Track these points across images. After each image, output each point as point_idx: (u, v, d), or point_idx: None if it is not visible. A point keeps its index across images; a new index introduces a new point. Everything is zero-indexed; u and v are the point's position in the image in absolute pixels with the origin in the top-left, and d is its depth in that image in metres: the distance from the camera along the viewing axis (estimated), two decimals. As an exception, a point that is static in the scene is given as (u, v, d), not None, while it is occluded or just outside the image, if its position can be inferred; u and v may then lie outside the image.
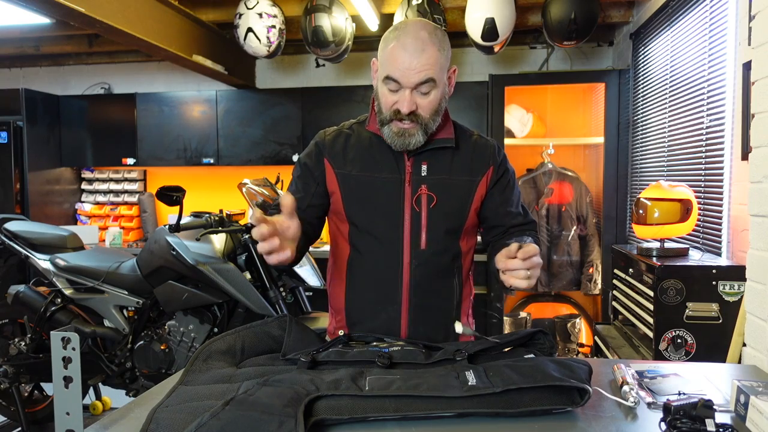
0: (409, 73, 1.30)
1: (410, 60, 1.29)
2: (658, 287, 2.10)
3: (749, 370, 1.35)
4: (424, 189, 1.41)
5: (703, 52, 2.54)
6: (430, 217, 1.41)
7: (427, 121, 1.36)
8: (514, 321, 3.95)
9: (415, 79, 1.30)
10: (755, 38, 1.44)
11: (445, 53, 1.34)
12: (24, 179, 4.59)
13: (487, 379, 1.02)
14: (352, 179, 1.44)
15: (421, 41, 1.30)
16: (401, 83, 1.31)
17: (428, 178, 1.41)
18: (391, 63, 1.31)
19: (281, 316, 1.36)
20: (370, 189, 1.42)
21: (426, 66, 1.30)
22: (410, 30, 1.32)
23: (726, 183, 2.29)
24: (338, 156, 1.45)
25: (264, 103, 4.58)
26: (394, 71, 1.31)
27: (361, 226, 1.45)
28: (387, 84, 1.34)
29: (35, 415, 3.16)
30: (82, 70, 5.19)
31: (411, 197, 1.41)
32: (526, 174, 4.02)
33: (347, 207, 1.45)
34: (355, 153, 1.45)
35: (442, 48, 1.33)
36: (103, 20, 2.85)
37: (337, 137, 1.49)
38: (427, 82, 1.31)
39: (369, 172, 1.43)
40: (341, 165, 1.45)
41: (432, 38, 1.32)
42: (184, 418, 0.91)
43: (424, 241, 1.41)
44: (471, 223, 1.48)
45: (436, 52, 1.31)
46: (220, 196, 4.81)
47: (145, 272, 2.78)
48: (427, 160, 1.42)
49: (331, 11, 3.46)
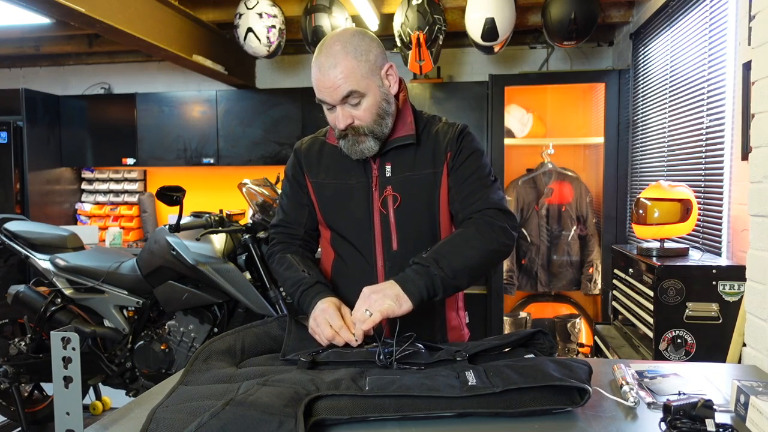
0: (328, 91, 1.29)
1: (325, 79, 1.29)
2: (658, 287, 2.10)
3: (749, 370, 1.35)
4: (389, 190, 1.40)
5: (703, 52, 2.54)
6: (398, 218, 1.41)
7: (371, 128, 1.34)
8: (514, 321, 3.95)
9: (337, 96, 1.29)
10: (755, 38, 1.44)
11: (365, 58, 1.29)
12: (24, 179, 4.59)
13: (487, 379, 1.02)
14: (325, 187, 1.46)
15: (332, 57, 1.28)
16: (328, 102, 1.32)
17: (393, 179, 1.41)
18: (315, 85, 1.32)
19: (281, 316, 1.36)
20: (341, 196, 1.44)
21: (340, 80, 1.27)
22: (324, 47, 1.30)
23: (726, 183, 2.29)
24: (312, 165, 1.48)
25: (264, 103, 4.58)
26: (318, 93, 1.32)
27: (339, 232, 1.47)
28: (323, 105, 1.35)
29: (35, 415, 3.16)
30: (82, 70, 5.19)
31: (378, 199, 1.41)
32: (526, 174, 4.02)
33: (324, 214, 1.48)
34: (328, 161, 1.47)
35: (358, 54, 1.29)
36: (103, 20, 2.85)
37: (312, 146, 1.51)
38: (350, 95, 1.29)
39: (340, 179, 1.44)
40: (315, 174, 1.47)
41: (346, 49, 1.28)
42: (184, 418, 0.91)
43: (396, 242, 1.41)
44: (448, 217, 1.44)
45: (350, 63, 1.27)
46: (220, 196, 4.81)
47: (145, 272, 2.78)
48: (390, 161, 1.41)
49: (331, 11, 3.46)
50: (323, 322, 1.24)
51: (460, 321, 1.55)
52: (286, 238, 1.53)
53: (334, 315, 1.25)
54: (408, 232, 1.41)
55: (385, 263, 1.42)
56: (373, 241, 1.42)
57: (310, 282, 1.37)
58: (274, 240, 1.55)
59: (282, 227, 1.54)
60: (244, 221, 2.85)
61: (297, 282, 1.39)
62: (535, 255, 3.96)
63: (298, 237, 1.53)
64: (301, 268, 1.42)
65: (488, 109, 3.99)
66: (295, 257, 1.46)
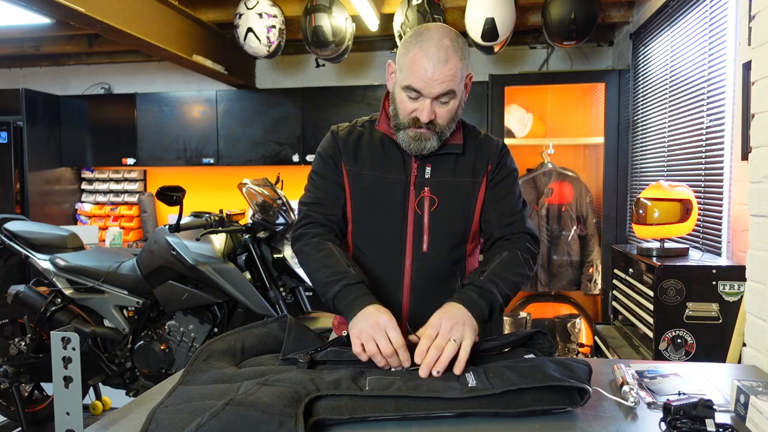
0: (431, 83, 1.27)
1: (433, 70, 1.26)
2: (658, 287, 2.10)
3: (749, 370, 1.35)
4: (426, 191, 1.40)
5: (703, 52, 2.54)
6: (432, 220, 1.40)
7: (443, 129, 1.35)
8: (514, 321, 3.95)
9: (437, 90, 1.28)
10: (755, 38, 1.44)
11: (466, 62, 1.31)
12: (24, 179, 4.59)
13: (487, 380, 1.03)
14: (361, 178, 1.43)
15: (444, 50, 1.26)
16: (422, 93, 1.29)
17: (431, 181, 1.41)
18: (412, 72, 1.28)
19: (281, 317, 1.36)
20: (378, 189, 1.42)
21: (448, 77, 1.27)
22: (433, 37, 1.28)
23: (726, 183, 2.29)
24: (350, 152, 1.45)
25: (264, 103, 4.58)
26: (416, 81, 1.27)
27: (365, 225, 1.44)
28: (407, 92, 1.31)
29: (35, 415, 3.16)
30: (82, 70, 5.19)
31: (414, 199, 1.40)
32: (526, 174, 4.02)
33: (354, 205, 1.44)
34: (367, 152, 1.44)
35: (463, 57, 1.29)
36: (103, 20, 2.85)
37: (350, 134, 1.47)
38: (447, 93, 1.29)
39: (378, 172, 1.42)
40: (352, 163, 1.44)
41: (454, 46, 1.28)
42: (184, 418, 0.91)
43: (426, 243, 1.40)
44: (478, 226, 1.46)
45: (458, 62, 1.28)
46: (220, 196, 4.80)
47: (145, 272, 2.78)
48: (431, 163, 1.41)
49: (331, 11, 3.46)
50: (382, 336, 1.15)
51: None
52: (323, 219, 1.43)
53: (396, 331, 1.15)
54: (439, 236, 1.41)
55: (413, 263, 1.41)
56: (404, 239, 1.40)
57: (356, 279, 1.30)
58: (308, 218, 1.44)
59: (318, 205, 1.44)
60: (244, 221, 2.85)
61: (338, 274, 1.31)
62: (535, 255, 3.96)
63: (335, 218, 1.44)
64: (345, 261, 1.34)
65: (488, 109, 3.99)
66: (337, 248, 1.38)
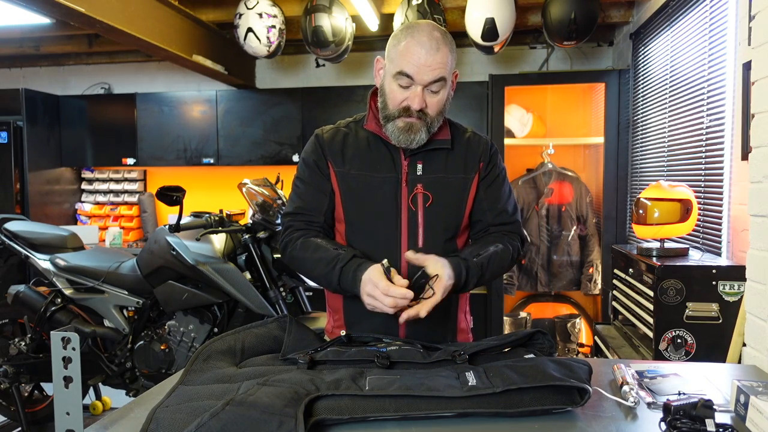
0: (424, 69, 1.32)
1: (426, 56, 1.31)
2: (658, 287, 2.10)
3: (749, 370, 1.35)
4: (420, 188, 1.42)
5: (703, 52, 2.54)
6: (427, 216, 1.42)
7: (432, 120, 1.38)
8: (514, 321, 3.95)
9: (430, 77, 1.32)
10: (755, 38, 1.44)
11: (454, 56, 1.38)
12: (24, 179, 4.59)
13: (488, 379, 1.02)
14: (350, 178, 1.44)
15: (435, 41, 1.33)
16: (414, 79, 1.33)
17: (423, 177, 1.43)
18: (405, 58, 1.32)
19: (281, 317, 1.36)
20: (368, 188, 1.43)
21: (440, 64, 1.33)
22: (424, 29, 1.35)
23: (726, 183, 2.29)
24: (337, 154, 1.46)
25: (264, 103, 4.58)
26: (409, 66, 1.32)
27: (358, 225, 1.45)
28: (398, 80, 1.34)
29: (35, 415, 3.16)
30: (82, 70, 5.19)
31: (407, 196, 1.42)
32: (526, 174, 4.02)
33: (345, 206, 1.45)
34: (354, 152, 1.45)
35: (452, 50, 1.37)
36: (103, 20, 2.85)
37: (335, 135, 1.49)
38: (438, 80, 1.34)
39: (367, 171, 1.43)
40: (340, 164, 1.45)
41: (445, 39, 1.35)
42: (184, 418, 0.91)
43: (422, 240, 1.42)
44: (468, 221, 1.49)
45: (448, 53, 1.35)
46: (220, 196, 4.80)
47: (145, 272, 2.78)
48: (422, 160, 1.44)
49: (331, 11, 3.46)
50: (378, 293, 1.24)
51: (467, 324, 1.57)
52: (304, 225, 1.46)
53: (380, 281, 1.24)
54: (433, 231, 1.43)
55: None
56: (399, 236, 1.42)
57: (347, 257, 1.33)
58: (290, 228, 1.47)
59: (299, 215, 1.47)
60: (244, 221, 2.85)
61: (331, 260, 1.34)
62: (535, 255, 3.96)
63: (317, 224, 1.46)
64: (332, 246, 1.38)
65: (488, 109, 3.99)
66: (321, 239, 1.41)
